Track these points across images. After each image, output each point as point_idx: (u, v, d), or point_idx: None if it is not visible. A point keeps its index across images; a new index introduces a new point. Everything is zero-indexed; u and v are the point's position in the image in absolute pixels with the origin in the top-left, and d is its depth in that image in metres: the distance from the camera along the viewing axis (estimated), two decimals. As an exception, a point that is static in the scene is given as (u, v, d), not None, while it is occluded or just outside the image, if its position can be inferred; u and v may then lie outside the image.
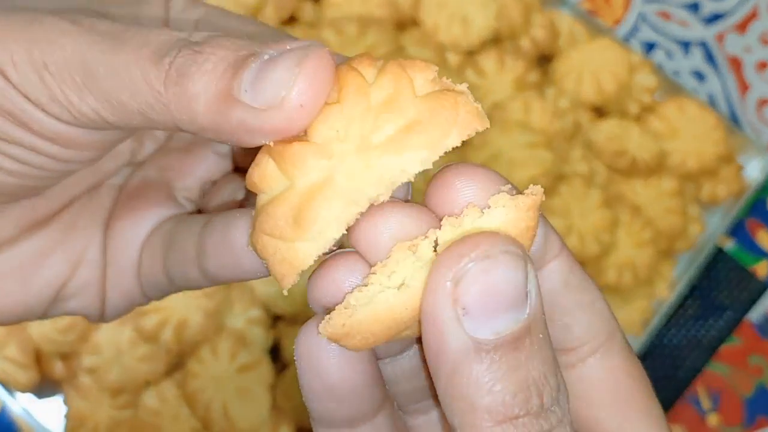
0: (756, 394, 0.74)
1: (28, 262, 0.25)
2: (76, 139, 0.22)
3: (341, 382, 0.20)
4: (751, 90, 0.84)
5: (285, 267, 0.20)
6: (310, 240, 0.20)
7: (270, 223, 0.20)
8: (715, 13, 0.87)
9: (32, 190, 0.24)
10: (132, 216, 0.26)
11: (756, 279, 0.76)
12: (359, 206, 0.20)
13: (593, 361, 0.23)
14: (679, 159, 0.76)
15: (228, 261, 0.23)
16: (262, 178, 0.21)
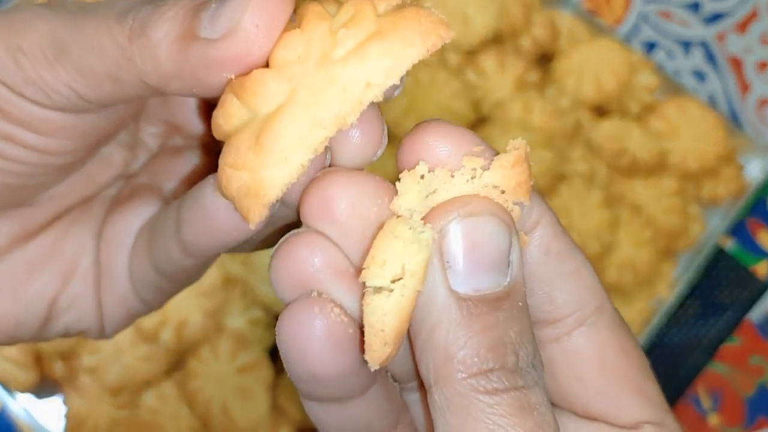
0: (757, 394, 0.74)
1: (19, 275, 0.25)
2: (52, 124, 0.22)
3: (326, 369, 0.19)
4: (751, 90, 0.84)
5: (251, 200, 0.19)
6: (275, 166, 0.19)
7: (232, 154, 0.19)
8: (715, 13, 0.87)
9: (17, 193, 0.24)
10: (119, 219, 0.26)
11: (756, 279, 0.76)
12: (325, 128, 0.18)
13: (579, 334, 0.22)
14: (680, 159, 0.76)
15: (202, 224, 0.22)
16: (226, 117, 0.20)
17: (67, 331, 0.27)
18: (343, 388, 0.20)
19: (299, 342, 0.19)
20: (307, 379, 0.20)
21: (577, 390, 0.22)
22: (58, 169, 0.23)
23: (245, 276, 0.65)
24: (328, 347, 0.19)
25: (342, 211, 0.19)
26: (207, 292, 0.62)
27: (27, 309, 0.25)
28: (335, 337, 0.19)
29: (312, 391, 0.20)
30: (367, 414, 0.21)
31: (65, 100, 0.21)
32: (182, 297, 0.61)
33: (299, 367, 0.19)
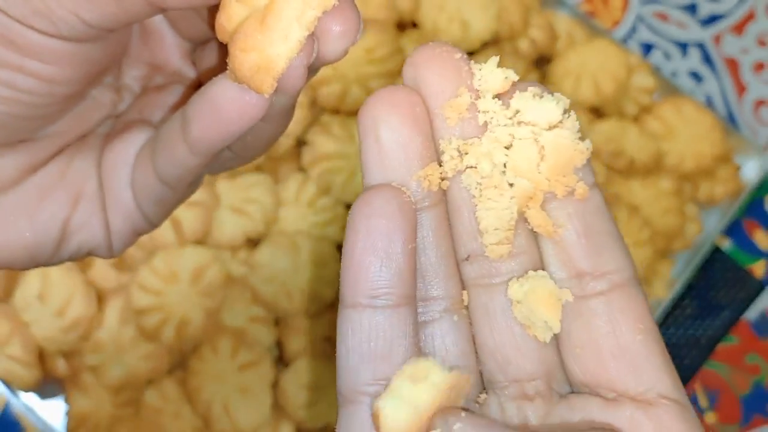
0: (753, 392, 0.74)
1: (33, 200, 0.28)
2: (60, 53, 0.23)
3: (386, 227, 0.21)
4: (748, 91, 0.85)
5: (262, 74, 0.23)
6: (279, 43, 0.22)
7: (242, 40, 0.23)
8: (712, 14, 0.88)
9: (25, 124, 0.26)
10: (118, 145, 0.28)
11: (753, 278, 0.77)
12: (313, 8, 0.22)
13: (621, 293, 0.23)
14: (677, 159, 0.76)
15: (211, 116, 0.24)
16: (228, 18, 0.23)
17: (79, 250, 0.29)
18: (389, 277, 0.21)
19: (374, 211, 0.21)
20: (367, 254, 0.21)
21: (612, 348, 0.23)
22: (61, 100, 0.26)
23: (246, 275, 0.65)
24: (396, 216, 0.21)
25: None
26: (208, 291, 0.63)
27: (43, 231, 0.28)
28: (404, 214, 0.21)
29: (362, 275, 0.21)
30: (393, 332, 0.21)
31: (71, 27, 0.23)
32: (183, 296, 0.62)
33: (366, 229, 0.21)
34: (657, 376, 0.22)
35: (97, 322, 0.64)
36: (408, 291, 0.22)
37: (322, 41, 0.23)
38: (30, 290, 0.63)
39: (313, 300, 0.64)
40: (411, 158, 0.23)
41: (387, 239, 0.21)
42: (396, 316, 0.21)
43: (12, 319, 0.62)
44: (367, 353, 0.21)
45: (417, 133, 0.23)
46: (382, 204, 0.21)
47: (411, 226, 0.22)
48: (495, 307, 0.23)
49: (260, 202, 0.66)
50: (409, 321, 0.22)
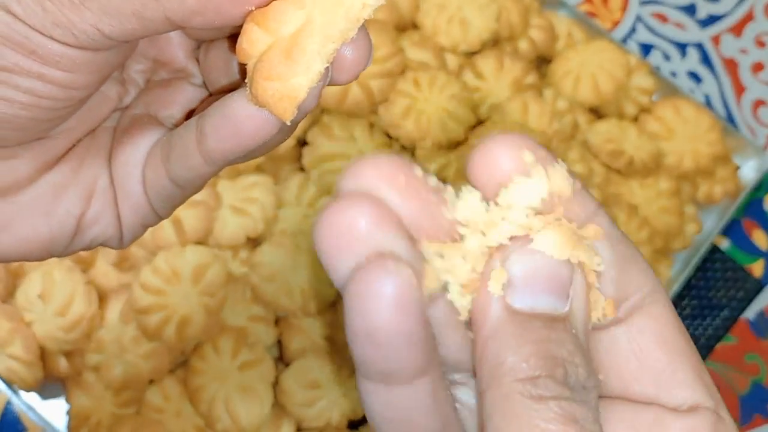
0: (751, 392, 0.74)
1: (48, 197, 0.29)
2: (78, 61, 0.24)
3: (385, 327, 0.19)
4: (746, 91, 0.85)
5: (285, 102, 0.24)
6: (301, 74, 0.24)
7: (266, 69, 0.24)
8: (711, 15, 0.88)
9: (42, 125, 0.27)
10: (129, 143, 0.30)
11: (752, 278, 0.77)
12: (334, 42, 0.24)
13: (641, 314, 0.22)
14: (676, 159, 0.76)
15: (228, 131, 0.26)
16: (251, 43, 0.24)
17: (92, 242, 0.30)
18: (396, 357, 0.19)
19: (368, 292, 0.19)
20: (364, 337, 0.19)
21: (635, 371, 0.22)
22: (77, 102, 0.27)
23: (247, 274, 0.66)
24: (397, 304, 0.19)
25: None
26: (209, 291, 0.63)
27: (59, 227, 0.29)
28: (405, 297, 0.19)
29: (363, 356, 0.20)
30: (410, 405, 0.20)
31: (90, 39, 0.24)
32: (184, 295, 0.62)
33: (359, 319, 0.19)
34: (686, 392, 0.22)
35: (99, 322, 0.64)
36: (423, 362, 0.20)
37: (335, 66, 0.25)
38: (31, 290, 0.63)
39: (314, 299, 0.65)
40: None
41: (387, 320, 0.19)
42: (412, 391, 0.20)
43: (13, 319, 0.62)
44: (391, 421, 0.21)
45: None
46: (376, 288, 0.19)
47: (413, 299, 0.19)
48: None
49: (261, 202, 0.66)
50: (429, 391, 0.20)
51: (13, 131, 0.26)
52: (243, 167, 0.67)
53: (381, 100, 0.70)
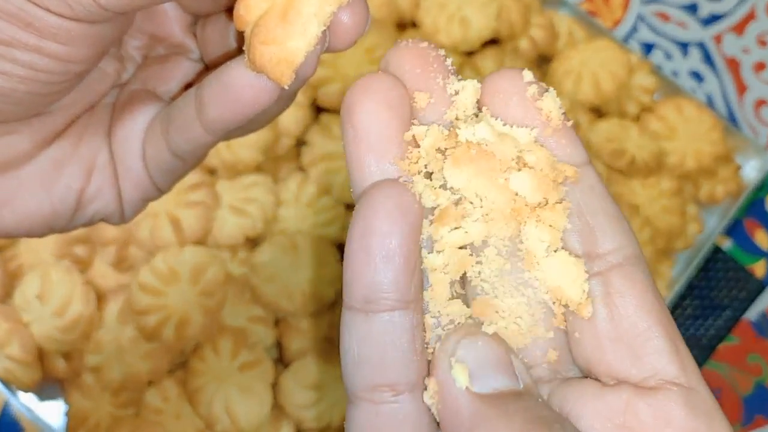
0: (754, 393, 0.74)
1: (48, 172, 0.29)
2: (75, 33, 0.25)
3: (384, 229, 0.21)
4: (748, 91, 0.85)
5: (282, 66, 0.24)
6: (298, 37, 0.24)
7: (263, 33, 0.24)
8: (713, 14, 0.88)
9: (40, 100, 0.27)
10: (128, 118, 0.30)
11: (754, 278, 0.77)
12: (330, 4, 0.24)
13: (618, 272, 0.22)
14: (678, 159, 0.76)
15: (227, 99, 0.26)
16: (247, 9, 0.24)
17: (93, 218, 0.31)
18: (386, 269, 0.20)
19: (377, 203, 0.20)
20: (361, 246, 0.20)
21: (610, 334, 0.22)
22: (75, 76, 0.27)
23: (246, 275, 0.65)
24: (399, 211, 0.20)
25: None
26: (208, 291, 0.63)
27: (60, 202, 0.29)
28: (407, 207, 0.21)
29: (357, 269, 0.21)
30: (386, 338, 0.21)
31: (86, 10, 0.24)
32: (183, 296, 0.62)
33: (364, 224, 0.20)
34: (659, 361, 0.21)
35: (97, 322, 0.64)
36: (405, 295, 0.21)
37: (332, 32, 0.25)
38: (29, 290, 0.63)
39: (313, 300, 0.64)
40: (389, 145, 0.22)
41: (382, 241, 0.20)
42: (391, 322, 0.20)
43: (11, 319, 0.62)
44: (361, 360, 0.21)
45: (393, 116, 0.22)
46: (382, 203, 0.20)
47: (412, 228, 0.21)
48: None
49: (260, 201, 0.66)
50: (406, 326, 0.21)
51: (11, 105, 0.26)
52: (242, 167, 0.67)
53: (381, 100, 0.70)
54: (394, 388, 0.21)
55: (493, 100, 0.23)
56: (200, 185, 0.65)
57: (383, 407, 0.21)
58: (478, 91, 0.23)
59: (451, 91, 0.23)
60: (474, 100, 0.23)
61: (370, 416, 0.21)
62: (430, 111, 0.23)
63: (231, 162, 0.66)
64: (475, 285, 0.22)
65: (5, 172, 0.29)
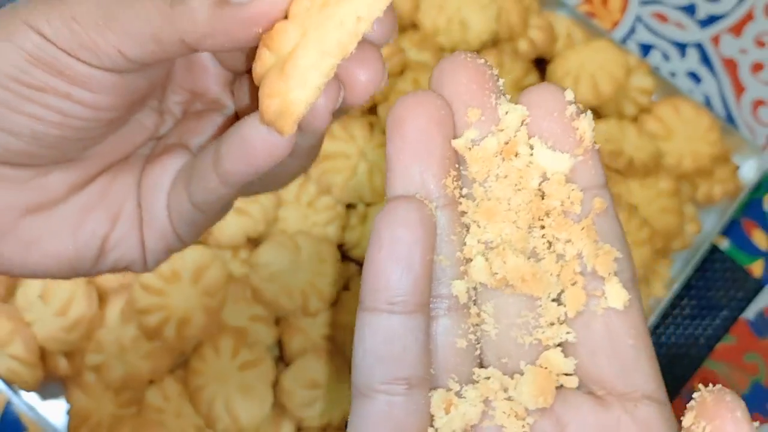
0: (751, 391, 0.75)
1: (76, 216, 0.30)
2: (104, 82, 0.26)
3: (410, 238, 0.22)
4: (746, 91, 0.85)
5: (283, 118, 0.24)
6: (297, 89, 0.24)
7: (267, 86, 0.24)
8: (711, 15, 0.88)
9: (73, 145, 0.28)
10: (158, 168, 0.31)
11: (751, 278, 0.77)
12: (332, 56, 0.23)
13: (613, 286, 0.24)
14: (676, 159, 0.76)
15: (241, 152, 0.26)
16: (260, 64, 0.25)
17: (116, 265, 0.31)
18: (409, 277, 0.22)
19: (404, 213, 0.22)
20: (389, 254, 0.22)
21: (607, 354, 0.23)
22: (106, 124, 0.28)
23: (247, 274, 0.66)
24: (424, 227, 0.22)
25: None
26: (209, 291, 0.63)
27: (84, 246, 0.30)
28: (431, 227, 0.23)
29: (382, 276, 0.22)
30: (406, 336, 0.22)
31: (113, 61, 0.25)
32: (184, 295, 0.62)
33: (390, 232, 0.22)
34: (644, 379, 0.23)
35: (99, 322, 0.64)
36: (423, 299, 0.23)
37: (347, 87, 0.25)
38: (32, 290, 0.63)
39: (314, 299, 0.65)
40: (433, 159, 0.23)
41: (408, 250, 0.22)
42: (411, 322, 0.22)
43: (14, 319, 0.62)
44: (382, 355, 0.22)
45: (440, 134, 0.23)
46: (405, 216, 0.22)
47: (431, 239, 0.23)
48: (500, 304, 0.24)
49: (261, 201, 0.67)
50: (422, 327, 0.23)
51: (45, 149, 0.27)
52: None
53: (381, 100, 0.70)
54: (409, 381, 0.22)
55: (535, 111, 0.24)
56: (201, 186, 0.66)
57: (397, 399, 0.22)
58: (524, 115, 0.24)
59: (502, 112, 0.24)
60: (519, 123, 0.24)
61: (385, 407, 0.23)
62: (479, 127, 0.24)
63: (232, 162, 0.66)
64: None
65: (36, 213, 0.29)
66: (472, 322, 0.24)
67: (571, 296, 0.23)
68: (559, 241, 0.23)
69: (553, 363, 0.23)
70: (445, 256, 0.23)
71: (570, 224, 0.23)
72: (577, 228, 0.23)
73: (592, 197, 0.24)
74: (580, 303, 0.23)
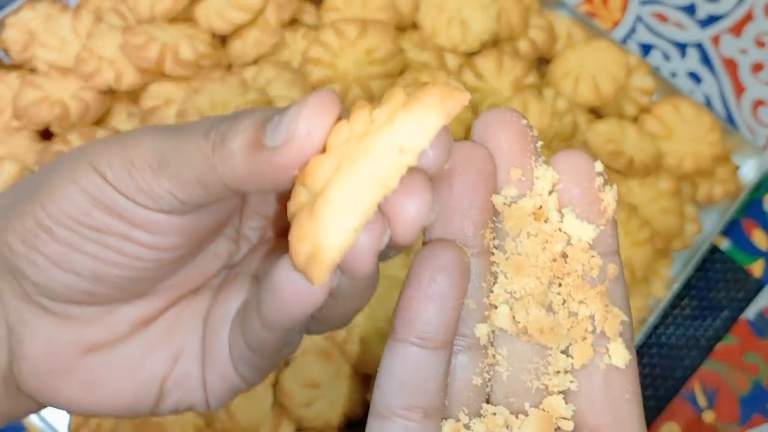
0: (751, 392, 0.74)
1: (137, 356, 0.29)
2: (163, 225, 0.26)
3: (447, 283, 0.24)
4: (746, 91, 0.85)
5: (314, 265, 0.21)
6: (329, 232, 0.20)
7: (296, 228, 0.21)
8: (711, 15, 0.88)
9: (136, 284, 0.28)
10: (224, 302, 0.30)
11: (752, 278, 0.77)
12: (369, 192, 0.20)
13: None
14: (676, 160, 0.76)
15: (273, 299, 0.25)
16: (294, 203, 0.23)
17: (177, 406, 0.30)
18: (443, 316, 0.24)
19: (446, 256, 0.23)
20: (429, 292, 0.23)
21: (605, 411, 0.26)
22: (170, 262, 0.27)
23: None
24: (462, 274, 0.24)
25: None
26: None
27: (143, 387, 0.29)
28: (467, 273, 0.24)
29: (419, 312, 0.24)
30: (431, 368, 0.24)
31: (169, 204, 0.25)
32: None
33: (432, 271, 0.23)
34: (633, 427, 0.25)
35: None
36: (450, 337, 0.24)
37: (391, 223, 0.22)
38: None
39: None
40: (475, 211, 0.25)
41: (445, 293, 0.23)
42: (436, 356, 0.24)
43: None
44: (405, 383, 0.24)
45: (485, 189, 0.25)
46: (447, 261, 0.23)
47: (465, 285, 0.24)
48: (514, 349, 0.26)
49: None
50: (444, 362, 0.24)
51: (107, 288, 0.27)
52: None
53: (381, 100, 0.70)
54: (425, 411, 0.24)
55: (566, 177, 0.26)
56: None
57: (413, 425, 0.24)
58: (556, 179, 0.25)
59: (537, 174, 0.25)
60: (551, 186, 0.25)
61: (401, 431, 0.24)
62: (518, 186, 0.25)
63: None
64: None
65: (98, 352, 0.29)
66: (487, 362, 0.25)
67: (579, 350, 0.25)
68: (574, 300, 0.25)
69: (555, 408, 0.25)
70: (473, 300, 0.25)
71: (587, 287, 0.25)
72: (593, 292, 0.25)
73: (606, 263, 0.26)
74: (587, 357, 0.25)
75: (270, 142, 0.23)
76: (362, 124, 0.21)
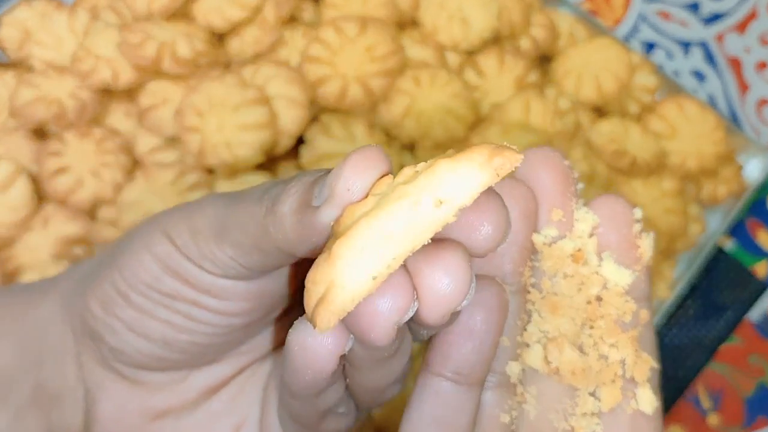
0: (756, 393, 0.74)
1: (203, 425, 0.29)
2: (229, 290, 0.26)
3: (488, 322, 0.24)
4: (750, 90, 0.84)
5: (322, 307, 0.19)
6: (345, 275, 0.18)
7: (313, 270, 0.20)
8: (714, 13, 0.87)
9: (204, 350, 0.28)
10: (278, 373, 0.29)
11: (756, 279, 0.76)
12: (395, 242, 0.18)
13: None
14: (680, 159, 0.76)
15: (287, 363, 0.24)
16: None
17: None
18: (480, 354, 0.24)
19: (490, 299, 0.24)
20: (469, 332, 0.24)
21: None
22: (240, 328, 0.27)
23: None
24: (501, 313, 0.24)
25: None
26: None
27: None
28: (505, 310, 0.24)
29: (458, 349, 0.24)
30: (463, 406, 0.24)
31: (234, 270, 0.25)
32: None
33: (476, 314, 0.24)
34: None
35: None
36: (483, 375, 0.24)
37: (422, 298, 0.20)
38: (27, 291, 0.62)
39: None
40: (515, 248, 0.25)
41: (484, 330, 0.23)
42: (468, 392, 0.24)
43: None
44: (438, 417, 0.24)
45: (526, 227, 0.25)
46: (488, 299, 0.24)
47: (503, 323, 0.24)
48: (544, 388, 0.26)
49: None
50: (476, 398, 0.24)
51: (176, 354, 0.27)
52: (242, 167, 0.67)
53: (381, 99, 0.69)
54: None
55: (606, 222, 0.26)
56: (199, 185, 0.65)
57: None
58: (596, 222, 0.26)
59: (576, 216, 0.26)
60: (590, 230, 0.26)
61: None
62: (558, 227, 0.26)
63: (230, 162, 0.66)
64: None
65: (165, 418, 0.28)
66: (516, 400, 0.26)
67: (608, 394, 0.25)
68: (605, 343, 0.25)
69: None
70: (508, 338, 0.25)
71: (619, 332, 0.25)
72: (625, 337, 0.25)
73: (638, 309, 0.26)
74: (615, 401, 0.25)
75: (316, 203, 0.22)
76: (405, 177, 0.19)
